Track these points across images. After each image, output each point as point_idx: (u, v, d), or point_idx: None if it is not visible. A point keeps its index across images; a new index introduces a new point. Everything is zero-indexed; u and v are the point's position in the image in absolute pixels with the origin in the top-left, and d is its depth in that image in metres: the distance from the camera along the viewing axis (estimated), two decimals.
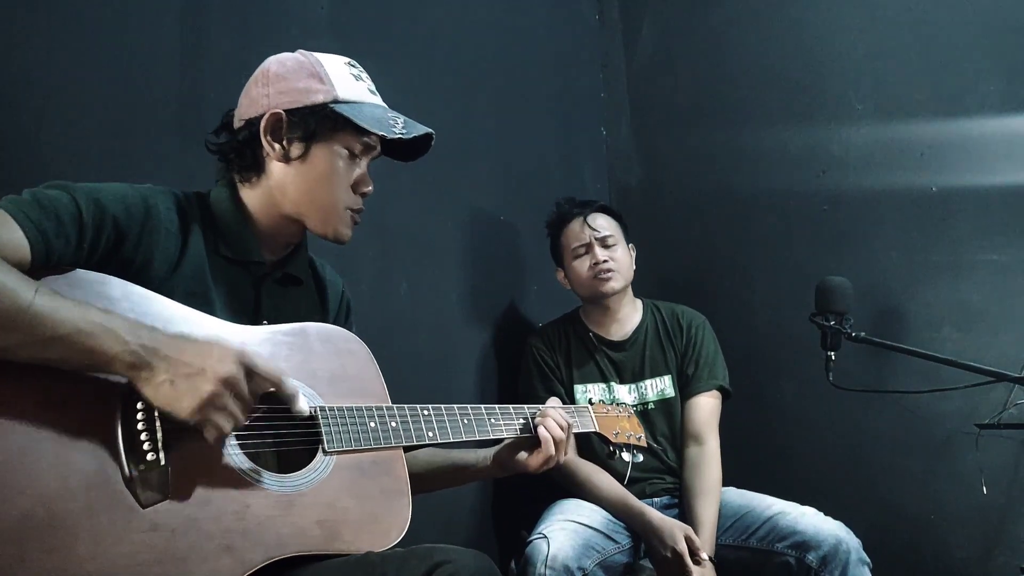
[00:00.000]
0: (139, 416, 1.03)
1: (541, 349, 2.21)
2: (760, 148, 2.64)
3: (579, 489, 2.05)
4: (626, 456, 1.60)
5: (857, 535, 1.86)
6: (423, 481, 1.47)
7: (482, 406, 1.39)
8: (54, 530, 0.94)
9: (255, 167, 1.29)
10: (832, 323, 2.01)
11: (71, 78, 1.50)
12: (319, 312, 1.42)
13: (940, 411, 2.25)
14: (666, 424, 2.16)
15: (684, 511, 2.05)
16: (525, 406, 1.44)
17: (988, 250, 2.23)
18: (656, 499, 2.11)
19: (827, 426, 2.45)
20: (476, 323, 2.34)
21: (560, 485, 2.10)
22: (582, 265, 2.18)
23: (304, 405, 1.15)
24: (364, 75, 1.34)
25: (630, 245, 2.26)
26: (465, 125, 2.36)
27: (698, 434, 2.12)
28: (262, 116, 1.26)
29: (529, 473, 1.44)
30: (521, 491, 2.29)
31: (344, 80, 1.29)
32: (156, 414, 1.03)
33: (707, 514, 1.97)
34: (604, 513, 1.98)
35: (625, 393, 2.19)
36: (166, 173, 1.59)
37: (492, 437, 1.38)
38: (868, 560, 1.82)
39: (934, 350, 2.06)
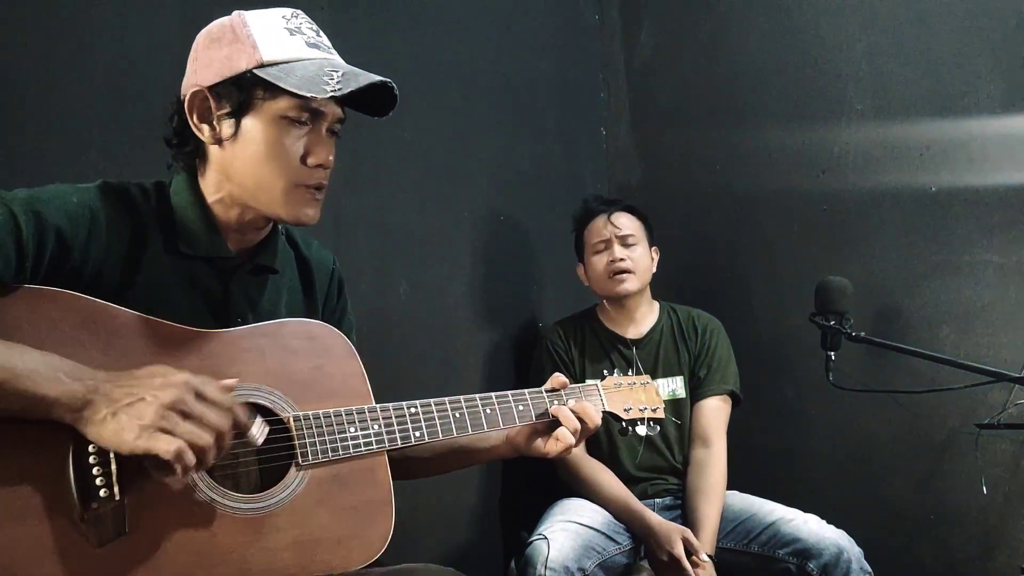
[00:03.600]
0: (91, 450, 0.97)
1: (556, 343, 2.22)
2: (760, 148, 2.64)
3: (581, 487, 2.06)
4: (640, 430, 1.53)
5: (856, 534, 1.86)
6: (430, 464, 1.41)
7: (476, 396, 1.30)
8: None
9: (198, 153, 1.18)
10: (832, 323, 2.01)
11: (71, 78, 1.50)
12: (304, 296, 1.32)
13: (940, 411, 2.25)
14: (675, 424, 2.16)
15: (686, 510, 2.05)
16: (526, 391, 1.35)
17: (988, 250, 2.23)
18: (658, 500, 2.11)
19: (827, 426, 2.45)
20: (476, 323, 2.34)
21: (562, 481, 2.10)
22: (600, 261, 2.19)
23: (258, 434, 1.04)
24: (305, 26, 1.19)
25: (653, 248, 2.26)
26: (465, 125, 2.36)
27: (706, 436, 2.13)
28: (186, 97, 1.15)
29: (547, 459, 1.36)
30: (522, 491, 2.29)
31: (273, 38, 1.13)
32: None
33: (709, 513, 1.97)
34: (605, 513, 1.98)
35: None
36: (166, 172, 1.59)
37: (487, 430, 1.30)
38: (869, 569, 1.82)
39: (934, 350, 2.06)
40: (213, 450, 0.97)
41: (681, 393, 2.19)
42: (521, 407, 1.33)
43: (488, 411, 1.30)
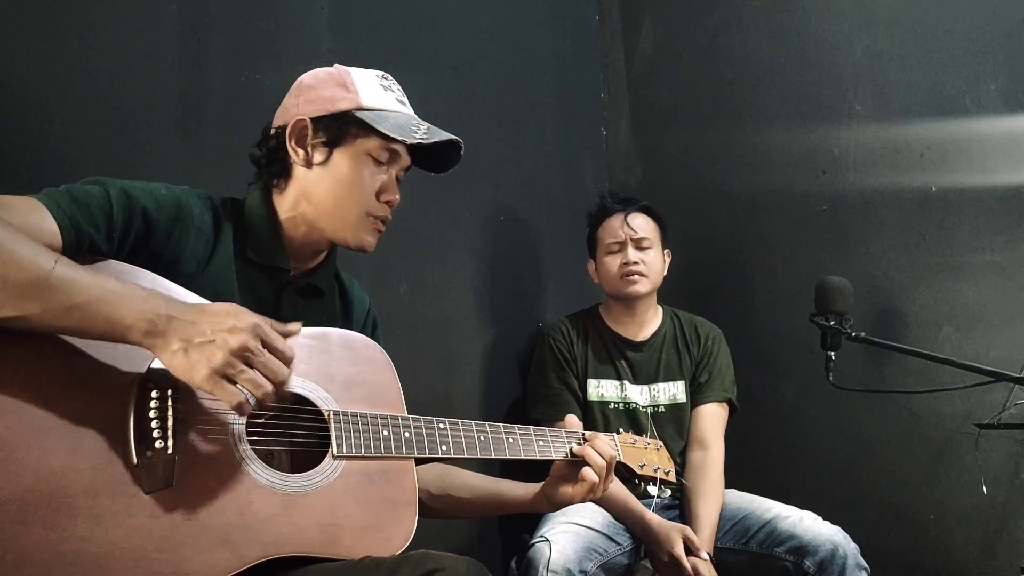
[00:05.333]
0: (152, 404, 1.04)
1: (559, 341, 2.22)
2: (760, 148, 2.64)
3: None
4: (652, 490, 1.53)
5: (857, 535, 1.86)
6: (468, 504, 1.47)
7: (501, 425, 1.36)
8: (56, 507, 0.95)
9: (283, 172, 1.33)
10: (832, 323, 2.00)
11: (71, 78, 1.51)
12: (343, 325, 1.42)
13: (940, 411, 2.25)
14: (674, 428, 2.17)
15: (685, 511, 2.05)
16: (547, 429, 1.41)
17: (988, 250, 2.23)
18: (657, 499, 2.11)
19: (827, 426, 2.45)
20: (477, 323, 2.34)
21: None
22: (613, 262, 2.19)
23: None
24: (395, 87, 1.37)
25: (666, 251, 2.27)
26: (465, 125, 2.35)
27: (704, 440, 2.14)
28: (289, 124, 1.31)
29: (574, 503, 1.41)
30: None
31: (371, 89, 1.32)
32: (169, 403, 1.05)
33: (707, 514, 1.98)
34: (605, 513, 1.98)
35: (637, 394, 2.19)
36: (166, 173, 1.59)
37: (509, 457, 1.35)
38: (866, 565, 1.82)
39: (934, 350, 2.06)
40: (272, 396, 1.04)
41: (682, 397, 2.20)
42: (541, 443, 1.39)
43: (511, 440, 1.36)
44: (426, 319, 2.16)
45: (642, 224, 2.21)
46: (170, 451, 1.03)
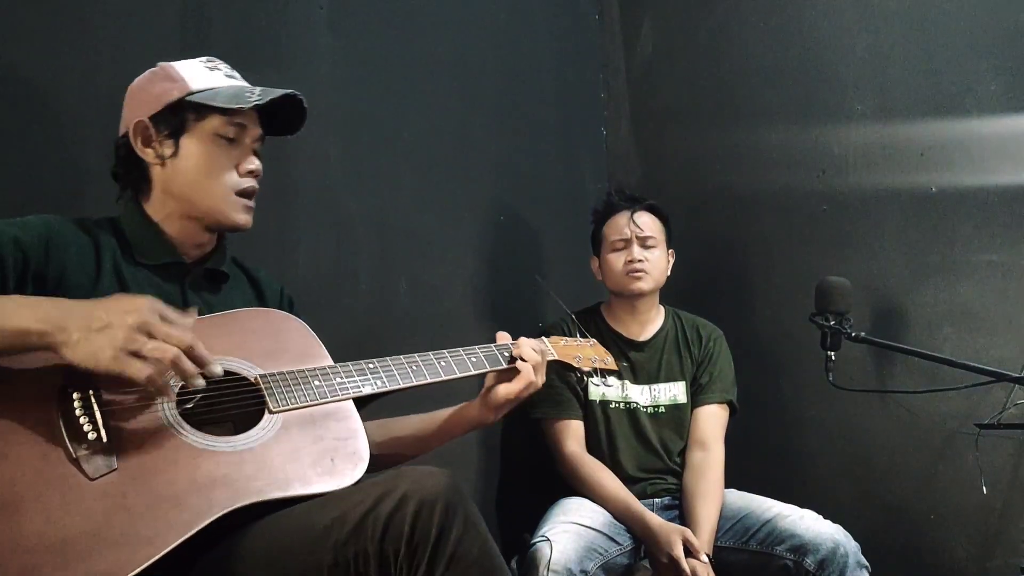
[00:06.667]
0: (75, 404, 1.06)
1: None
2: (760, 148, 2.64)
3: (582, 486, 2.06)
4: (595, 380, 1.57)
5: (857, 535, 1.86)
6: (412, 441, 1.50)
7: (430, 352, 1.39)
8: (6, 511, 0.97)
9: (143, 178, 1.33)
10: (832, 323, 2.01)
11: (71, 78, 1.50)
12: (256, 305, 1.44)
13: (940, 411, 2.25)
14: (674, 429, 2.17)
15: (684, 512, 2.05)
16: (476, 346, 1.45)
17: (988, 250, 2.23)
18: (657, 499, 2.11)
19: (827, 426, 2.45)
20: (476, 322, 2.34)
21: (564, 481, 2.10)
22: (617, 260, 2.19)
23: (217, 368, 1.12)
24: (221, 65, 1.38)
25: (670, 251, 2.26)
26: (465, 125, 2.36)
27: (704, 440, 2.13)
28: (130, 129, 1.30)
29: (513, 401, 1.44)
30: (522, 491, 2.29)
31: (197, 74, 1.32)
32: (92, 400, 1.07)
33: (707, 515, 1.97)
34: (606, 513, 1.98)
35: (638, 393, 2.19)
36: None
37: (444, 379, 1.37)
38: (867, 564, 1.82)
39: (934, 350, 2.06)
40: (182, 363, 1.06)
41: (682, 399, 2.20)
42: (474, 359, 1.44)
43: (443, 363, 1.40)
44: (426, 319, 2.16)
45: (648, 222, 2.20)
46: (105, 439, 1.05)
